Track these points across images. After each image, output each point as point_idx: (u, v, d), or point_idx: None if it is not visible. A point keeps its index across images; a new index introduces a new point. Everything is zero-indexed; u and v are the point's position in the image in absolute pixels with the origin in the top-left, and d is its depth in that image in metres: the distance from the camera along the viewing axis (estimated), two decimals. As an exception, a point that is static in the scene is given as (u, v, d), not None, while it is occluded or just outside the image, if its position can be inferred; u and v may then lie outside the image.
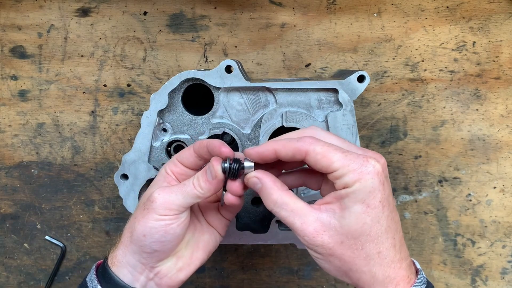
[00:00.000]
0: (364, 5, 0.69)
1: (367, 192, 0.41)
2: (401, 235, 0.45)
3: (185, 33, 0.69)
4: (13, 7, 0.69)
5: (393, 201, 0.44)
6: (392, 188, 0.72)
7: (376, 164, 0.42)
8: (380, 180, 0.41)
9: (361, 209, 0.41)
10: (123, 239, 0.50)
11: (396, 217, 0.44)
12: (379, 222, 0.42)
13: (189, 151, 0.50)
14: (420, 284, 0.44)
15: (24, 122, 0.71)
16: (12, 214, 0.73)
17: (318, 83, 0.57)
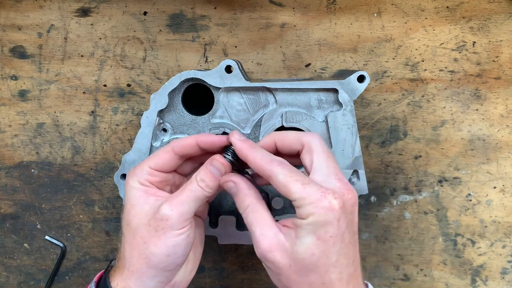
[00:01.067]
0: (364, 5, 0.69)
1: (319, 226, 0.42)
2: (353, 270, 0.45)
3: (185, 33, 0.69)
4: (13, 7, 0.69)
5: (350, 237, 0.44)
6: (392, 188, 0.72)
7: (333, 200, 0.43)
8: (334, 216, 0.42)
9: (311, 241, 0.43)
10: (135, 267, 0.47)
11: (350, 253, 0.44)
12: (328, 256, 0.43)
13: (168, 155, 0.49)
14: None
15: (24, 122, 0.71)
16: (12, 214, 0.73)
17: (318, 83, 0.57)
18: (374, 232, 0.73)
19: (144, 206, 0.47)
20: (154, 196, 0.48)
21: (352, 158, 0.58)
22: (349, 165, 0.58)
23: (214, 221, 0.61)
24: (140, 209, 0.47)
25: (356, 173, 0.59)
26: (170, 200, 0.47)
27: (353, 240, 0.45)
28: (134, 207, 0.48)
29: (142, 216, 0.47)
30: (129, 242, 0.47)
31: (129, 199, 0.48)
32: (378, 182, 0.72)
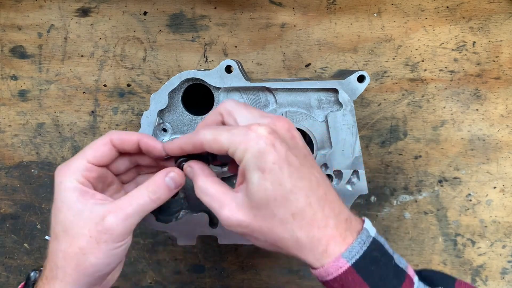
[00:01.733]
0: (364, 5, 0.69)
1: (257, 157, 0.40)
2: (323, 193, 0.41)
3: (185, 33, 0.69)
4: (13, 7, 0.69)
5: (300, 160, 0.41)
6: (392, 188, 0.72)
7: (259, 129, 0.40)
8: (266, 142, 0.40)
9: (258, 176, 0.40)
10: (71, 278, 0.43)
11: (307, 175, 0.41)
12: (281, 183, 0.40)
13: (106, 147, 0.46)
14: (360, 245, 0.41)
15: (24, 122, 0.71)
16: (12, 214, 0.73)
17: (318, 83, 0.57)
18: (374, 232, 0.73)
19: (84, 212, 0.43)
20: (93, 200, 0.44)
21: (352, 158, 0.58)
22: (349, 165, 0.58)
23: (214, 221, 0.61)
24: (78, 215, 0.43)
25: (356, 173, 0.59)
26: (116, 211, 0.43)
27: (307, 163, 0.42)
28: (70, 211, 0.44)
29: (81, 224, 0.43)
30: (64, 251, 0.43)
31: (63, 201, 0.44)
32: (378, 182, 0.73)
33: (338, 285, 0.40)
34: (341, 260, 0.40)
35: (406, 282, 0.41)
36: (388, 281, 0.40)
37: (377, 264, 0.41)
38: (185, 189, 0.61)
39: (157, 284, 0.76)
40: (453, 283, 0.43)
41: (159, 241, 0.74)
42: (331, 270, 0.40)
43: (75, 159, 0.45)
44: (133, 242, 0.74)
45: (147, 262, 0.75)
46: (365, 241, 0.41)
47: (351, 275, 0.40)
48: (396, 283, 0.40)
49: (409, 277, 0.42)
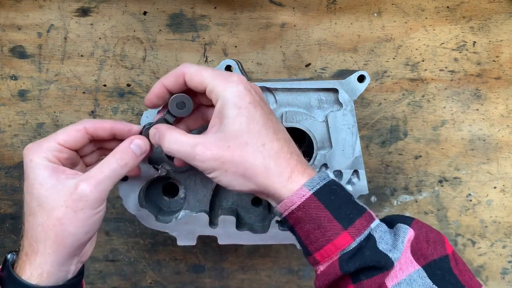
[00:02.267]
0: (364, 5, 0.69)
1: (235, 96, 0.45)
2: (287, 137, 0.48)
3: (185, 33, 0.69)
4: (13, 7, 0.69)
5: (267, 110, 0.47)
6: (392, 188, 0.72)
7: (239, 77, 0.46)
8: (245, 87, 0.46)
9: (234, 111, 0.45)
10: (51, 249, 0.45)
11: (274, 121, 0.47)
12: (255, 119, 0.45)
13: (79, 133, 0.49)
14: (320, 178, 0.45)
15: (24, 122, 0.71)
16: (12, 214, 0.73)
17: (318, 83, 0.57)
18: (374, 232, 0.73)
19: (56, 186, 0.45)
20: (64, 174, 0.47)
21: (352, 158, 0.58)
22: (349, 165, 0.58)
23: (214, 221, 0.61)
24: (52, 189, 0.45)
25: (356, 173, 0.59)
26: (88, 179, 0.46)
27: (273, 115, 0.48)
28: (44, 186, 0.46)
29: (56, 196, 0.45)
30: (42, 224, 0.45)
31: (36, 178, 0.46)
32: (378, 182, 0.72)
33: (302, 212, 0.44)
34: (303, 189, 0.45)
35: (366, 215, 0.45)
36: (348, 210, 0.44)
37: (336, 195, 0.45)
38: (185, 189, 0.61)
39: (157, 284, 0.76)
40: (411, 220, 0.46)
41: (159, 241, 0.74)
42: (295, 199, 0.44)
43: (46, 140, 0.48)
44: (133, 242, 0.74)
45: (147, 262, 0.75)
46: (325, 177, 0.46)
47: (313, 202, 0.44)
48: (356, 212, 0.45)
49: (369, 213, 0.46)
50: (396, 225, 0.46)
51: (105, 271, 0.75)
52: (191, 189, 0.61)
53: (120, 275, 0.75)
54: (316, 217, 0.44)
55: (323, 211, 0.44)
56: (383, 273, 0.43)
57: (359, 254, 0.43)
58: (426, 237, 0.45)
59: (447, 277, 0.44)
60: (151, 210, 0.60)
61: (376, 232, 0.44)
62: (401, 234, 0.44)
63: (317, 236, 0.44)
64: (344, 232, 0.44)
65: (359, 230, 0.44)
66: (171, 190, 0.63)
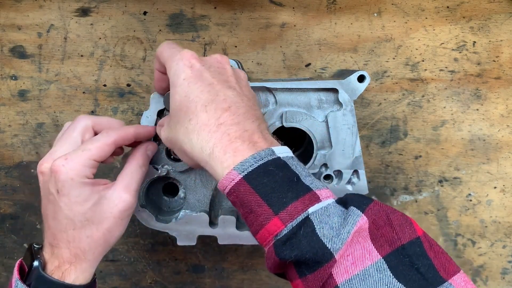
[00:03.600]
0: (364, 5, 0.69)
1: (173, 75, 0.46)
2: (226, 106, 0.44)
3: (185, 33, 0.69)
4: (13, 7, 0.69)
5: (214, 79, 0.46)
6: (392, 188, 0.72)
7: (185, 52, 0.46)
8: (185, 63, 0.46)
9: (172, 90, 0.46)
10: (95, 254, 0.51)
11: (216, 91, 0.45)
12: (186, 96, 0.45)
13: (110, 147, 0.51)
14: (254, 159, 0.41)
15: (24, 122, 0.71)
16: (12, 214, 0.73)
17: (318, 83, 0.57)
18: (374, 232, 0.73)
19: (100, 200, 0.49)
20: (102, 186, 0.51)
21: (352, 158, 0.58)
22: (349, 165, 0.58)
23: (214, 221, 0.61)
24: (98, 204, 0.49)
25: (356, 173, 0.59)
26: (127, 188, 0.50)
27: (223, 85, 0.46)
28: (89, 201, 0.49)
29: (104, 209, 0.49)
30: (92, 235, 0.49)
31: (79, 195, 0.49)
32: (378, 182, 0.72)
33: (234, 197, 0.42)
34: (233, 172, 0.41)
35: (306, 197, 0.40)
36: (281, 193, 0.40)
37: (272, 177, 0.41)
38: (185, 189, 0.61)
39: (157, 284, 0.76)
40: (368, 203, 0.41)
41: (159, 241, 0.74)
42: (225, 183, 0.42)
43: (81, 156, 0.49)
44: (133, 242, 0.74)
45: (147, 262, 0.75)
46: (263, 157, 0.41)
47: (243, 186, 0.41)
48: (291, 196, 0.40)
49: (314, 194, 0.41)
50: (349, 208, 0.41)
51: (105, 271, 0.75)
52: (191, 189, 0.60)
53: (120, 275, 0.75)
54: (247, 202, 0.41)
55: (253, 195, 0.41)
56: (323, 266, 0.38)
57: (295, 242, 0.39)
58: (388, 220, 0.40)
59: (418, 263, 0.38)
60: (151, 210, 0.60)
61: (316, 216, 0.39)
62: (350, 221, 0.39)
63: (252, 220, 0.41)
64: (275, 217, 0.40)
65: (292, 215, 0.39)
66: (171, 190, 0.63)
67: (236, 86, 0.47)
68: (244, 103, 0.45)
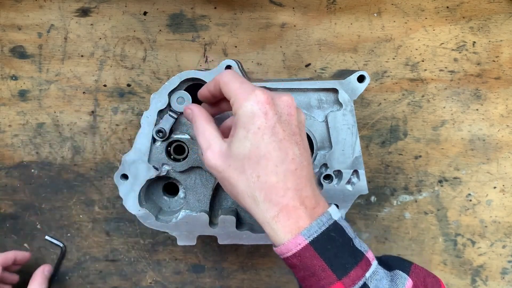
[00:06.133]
0: (364, 5, 0.69)
1: (247, 117, 0.45)
2: (293, 168, 0.45)
3: (185, 33, 0.69)
4: (13, 7, 0.69)
5: (285, 134, 0.45)
6: (392, 188, 0.72)
7: (260, 95, 0.45)
8: (261, 108, 0.44)
9: (242, 133, 0.45)
10: None
11: (285, 149, 0.45)
12: (258, 147, 0.44)
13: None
14: (318, 225, 0.44)
15: (24, 122, 0.71)
16: (12, 214, 0.73)
17: (318, 83, 0.57)
18: (374, 232, 0.73)
19: None
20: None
21: (352, 158, 0.58)
22: (349, 165, 0.58)
23: (214, 221, 0.61)
24: None
25: (356, 173, 0.59)
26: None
27: (291, 140, 0.46)
28: None
29: None
30: None
31: None
32: (378, 182, 0.72)
33: (297, 260, 0.44)
34: (299, 237, 0.44)
35: (362, 263, 0.45)
36: (343, 259, 0.44)
37: (333, 243, 0.44)
38: (185, 189, 0.61)
39: (157, 284, 0.76)
40: (409, 266, 0.47)
41: (159, 241, 0.74)
42: (291, 246, 0.44)
43: None
44: (133, 242, 0.74)
45: (147, 262, 0.75)
46: (324, 222, 0.45)
47: (308, 251, 0.43)
48: (351, 261, 0.44)
49: (366, 259, 0.45)
50: (394, 271, 0.46)
51: (105, 271, 0.75)
52: (191, 189, 0.61)
53: (120, 275, 0.75)
54: (311, 265, 0.44)
55: (317, 260, 0.44)
56: None
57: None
58: (424, 282, 0.46)
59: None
60: (151, 210, 0.60)
61: (372, 281, 0.44)
62: (399, 284, 0.45)
63: (312, 283, 0.44)
64: (338, 282, 0.43)
65: (354, 281, 0.43)
66: (171, 190, 0.63)
67: (300, 140, 0.47)
68: (306, 162, 0.46)
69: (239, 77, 0.48)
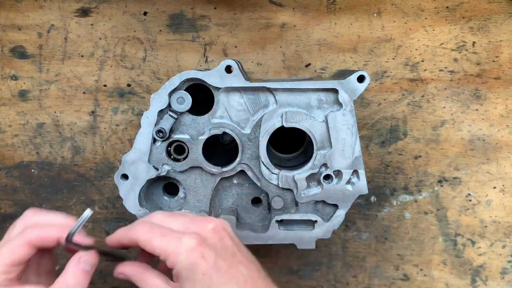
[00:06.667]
0: (364, 5, 0.69)
1: (187, 270, 0.45)
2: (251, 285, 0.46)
3: (185, 33, 0.69)
4: (13, 7, 0.69)
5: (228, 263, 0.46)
6: (392, 188, 0.72)
7: (189, 242, 0.45)
8: (196, 255, 0.45)
9: (189, 285, 0.45)
10: None
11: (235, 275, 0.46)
12: None
13: (24, 250, 0.46)
14: None
15: (24, 122, 0.71)
16: (12, 214, 0.73)
17: (318, 83, 0.57)
18: (374, 232, 0.73)
19: None
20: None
21: (352, 158, 0.58)
22: (349, 165, 0.58)
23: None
24: None
25: (356, 173, 0.59)
26: None
27: (235, 262, 0.47)
28: None
29: None
30: None
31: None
32: (378, 182, 0.73)
33: None
34: None
35: None
36: None
37: None
38: (185, 189, 0.61)
39: (157, 284, 0.76)
40: None
41: (159, 241, 0.74)
42: None
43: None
44: (133, 242, 0.74)
45: (147, 262, 0.75)
46: None
47: None
48: None
49: None
50: None
51: (105, 271, 0.75)
52: (191, 189, 0.61)
53: (120, 275, 0.75)
54: None
55: None
56: None
57: None
58: None
59: None
60: (151, 210, 0.60)
61: None
62: None
63: None
64: None
65: None
66: (171, 190, 0.63)
67: (241, 257, 0.48)
68: (255, 273, 0.48)
69: (156, 228, 0.47)
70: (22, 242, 0.46)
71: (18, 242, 0.46)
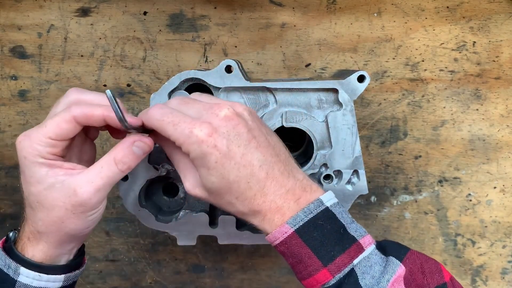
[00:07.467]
0: (364, 5, 0.69)
1: (200, 159, 0.45)
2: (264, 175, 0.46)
3: (185, 33, 0.69)
4: (13, 7, 0.69)
5: (240, 149, 0.45)
6: (392, 188, 0.72)
7: (199, 132, 0.44)
8: (208, 145, 0.44)
9: (204, 172, 0.45)
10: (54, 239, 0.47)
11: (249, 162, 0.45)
12: (224, 177, 0.45)
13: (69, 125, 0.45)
14: (305, 214, 0.45)
15: (24, 122, 0.71)
16: (12, 214, 0.73)
17: (318, 83, 0.57)
18: (374, 232, 0.73)
19: (54, 185, 0.45)
20: (62, 171, 0.45)
21: (352, 158, 0.58)
22: (349, 165, 0.58)
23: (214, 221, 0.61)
24: (50, 188, 0.45)
25: (356, 173, 0.59)
26: (87, 184, 0.45)
27: (249, 150, 0.45)
28: (42, 184, 0.45)
29: (55, 196, 0.45)
30: (44, 219, 0.46)
31: (32, 176, 0.45)
32: (378, 182, 0.72)
33: (284, 248, 0.46)
34: (285, 226, 0.45)
35: (351, 249, 0.45)
36: (330, 246, 0.45)
37: (321, 230, 0.45)
38: (185, 189, 0.61)
39: (157, 284, 0.76)
40: (405, 252, 0.46)
41: (159, 241, 0.74)
42: (277, 235, 0.46)
43: (37, 133, 0.45)
44: (133, 242, 0.74)
45: (147, 262, 0.75)
46: (312, 210, 0.46)
47: (294, 239, 0.45)
48: (338, 249, 0.45)
49: (358, 245, 0.45)
50: (388, 257, 0.46)
51: (105, 271, 0.75)
52: (191, 189, 0.60)
53: (120, 275, 0.75)
54: (298, 253, 0.45)
55: (304, 248, 0.45)
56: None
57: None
58: (421, 268, 0.46)
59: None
60: (151, 210, 0.60)
61: (360, 267, 0.44)
62: (389, 270, 0.44)
63: (300, 269, 0.46)
64: (324, 269, 0.45)
65: (339, 267, 0.44)
66: (171, 190, 0.63)
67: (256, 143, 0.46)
68: (273, 158, 0.47)
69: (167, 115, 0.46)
70: (67, 118, 0.45)
71: (63, 117, 0.45)
